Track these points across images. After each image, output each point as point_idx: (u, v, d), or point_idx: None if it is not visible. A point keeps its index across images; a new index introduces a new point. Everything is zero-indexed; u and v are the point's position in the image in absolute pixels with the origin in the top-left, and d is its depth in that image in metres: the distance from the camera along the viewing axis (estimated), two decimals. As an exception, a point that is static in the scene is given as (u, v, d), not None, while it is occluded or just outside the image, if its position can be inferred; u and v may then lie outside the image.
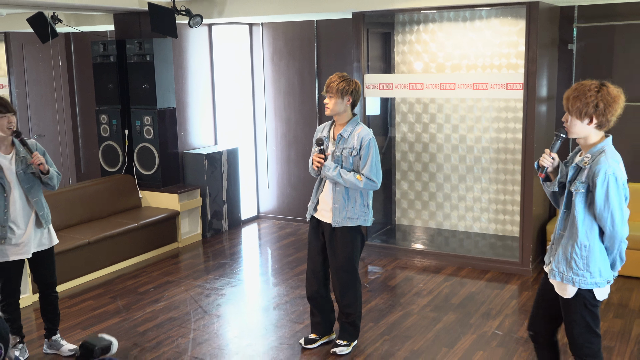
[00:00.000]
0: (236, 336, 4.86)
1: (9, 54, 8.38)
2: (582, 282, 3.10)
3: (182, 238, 7.20)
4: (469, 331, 4.82)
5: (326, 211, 4.32)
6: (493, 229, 6.90)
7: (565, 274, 3.13)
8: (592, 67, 6.21)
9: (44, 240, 4.36)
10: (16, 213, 4.19)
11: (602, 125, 3.04)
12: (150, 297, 5.66)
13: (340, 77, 4.20)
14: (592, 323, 3.17)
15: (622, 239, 3.06)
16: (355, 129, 4.24)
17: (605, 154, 3.02)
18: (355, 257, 4.37)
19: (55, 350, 4.59)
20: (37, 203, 4.28)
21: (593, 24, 6.14)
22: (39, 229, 4.32)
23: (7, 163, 4.16)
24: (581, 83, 3.04)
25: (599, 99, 2.96)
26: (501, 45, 6.48)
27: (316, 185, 4.42)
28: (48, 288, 4.48)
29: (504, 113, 6.62)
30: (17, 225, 4.20)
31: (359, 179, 4.17)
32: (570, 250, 3.12)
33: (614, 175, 2.97)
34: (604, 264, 3.11)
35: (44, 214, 4.32)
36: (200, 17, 6.70)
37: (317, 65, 7.62)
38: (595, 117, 2.99)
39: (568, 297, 3.16)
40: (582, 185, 3.04)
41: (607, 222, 3.01)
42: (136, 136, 7.23)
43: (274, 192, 8.19)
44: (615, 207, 2.98)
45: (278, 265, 6.55)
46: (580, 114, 2.99)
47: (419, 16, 6.82)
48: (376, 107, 7.01)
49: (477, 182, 6.89)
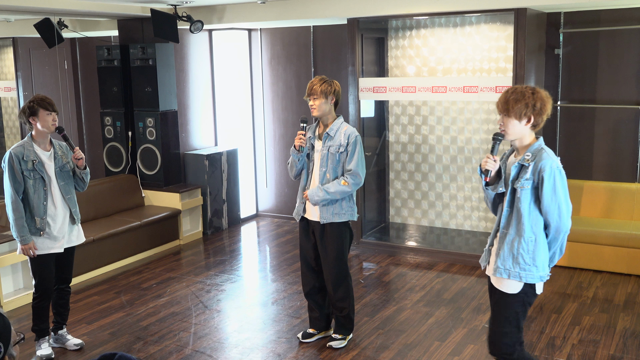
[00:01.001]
0: (236, 330, 4.83)
1: (16, 59, 8.35)
2: (529, 276, 3.10)
3: (184, 235, 7.17)
4: (460, 325, 4.81)
5: (314, 210, 4.31)
6: (483, 226, 6.88)
7: (512, 270, 3.12)
8: (578, 71, 6.21)
9: (73, 237, 4.40)
10: (54, 207, 4.26)
11: (536, 126, 3.09)
12: (153, 293, 5.63)
13: (321, 80, 4.21)
14: (522, 320, 3.18)
15: (567, 230, 3.08)
16: (341, 127, 4.23)
17: (545, 150, 3.08)
18: (345, 251, 4.35)
19: (60, 344, 4.55)
20: (71, 200, 4.35)
21: (579, 29, 6.13)
22: (72, 225, 4.38)
23: (47, 159, 4.25)
24: (515, 87, 3.09)
25: (536, 99, 3.03)
26: (490, 50, 6.47)
27: (301, 186, 4.40)
28: (64, 283, 4.48)
29: (493, 115, 6.61)
30: (53, 220, 4.26)
31: (344, 184, 4.16)
32: (517, 246, 3.10)
33: (559, 169, 3.03)
34: (547, 257, 3.14)
35: (76, 211, 4.39)
36: (201, 22, 6.67)
37: (314, 69, 7.59)
38: (533, 117, 3.04)
39: (512, 293, 3.14)
40: (527, 182, 3.06)
41: (555, 215, 3.03)
42: (139, 137, 7.20)
43: (272, 191, 8.17)
44: (562, 200, 3.03)
45: (276, 261, 6.52)
46: (520, 115, 3.03)
47: (412, 22, 6.81)
48: (370, 110, 6.99)
49: (467, 182, 6.87)
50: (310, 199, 4.22)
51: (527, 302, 3.17)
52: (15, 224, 4.16)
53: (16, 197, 4.15)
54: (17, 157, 4.14)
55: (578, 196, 6.21)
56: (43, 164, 4.21)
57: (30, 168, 4.16)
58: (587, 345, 4.43)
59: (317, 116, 4.24)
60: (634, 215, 6.02)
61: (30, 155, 4.17)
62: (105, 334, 4.79)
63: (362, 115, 6.57)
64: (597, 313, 4.97)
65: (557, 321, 4.83)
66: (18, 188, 4.16)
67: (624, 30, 5.96)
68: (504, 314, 3.17)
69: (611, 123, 6.17)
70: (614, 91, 6.12)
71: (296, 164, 4.31)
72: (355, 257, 6.51)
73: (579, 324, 4.77)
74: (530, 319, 4.87)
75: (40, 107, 4.14)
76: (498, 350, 3.23)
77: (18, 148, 4.17)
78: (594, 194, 6.16)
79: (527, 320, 4.83)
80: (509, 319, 3.16)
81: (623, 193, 6.05)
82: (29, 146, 4.19)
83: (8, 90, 8.63)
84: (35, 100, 4.16)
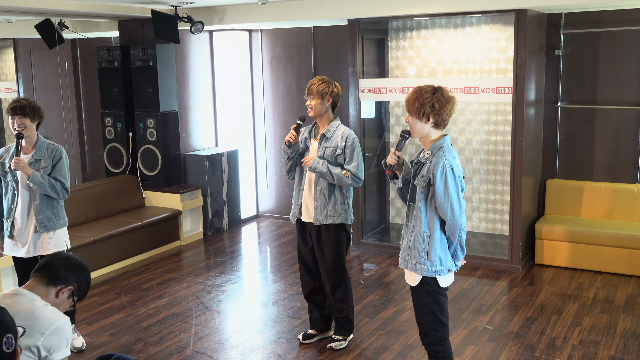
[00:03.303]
0: (236, 331, 4.83)
1: (17, 59, 8.35)
2: (424, 269, 3.21)
3: (184, 236, 7.17)
4: (461, 326, 4.81)
5: (309, 212, 4.31)
6: (484, 227, 6.88)
7: (410, 262, 3.26)
8: (579, 72, 6.21)
9: (35, 246, 4.24)
10: (20, 213, 4.23)
11: (438, 124, 3.17)
12: (154, 294, 5.63)
13: (320, 80, 4.20)
14: (437, 311, 3.27)
15: (461, 227, 3.16)
16: (338, 129, 4.22)
17: (443, 149, 3.16)
18: (342, 253, 4.34)
19: None
20: (36, 207, 4.21)
21: (579, 30, 6.13)
22: (35, 234, 4.23)
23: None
24: (419, 87, 3.19)
25: (434, 100, 3.11)
26: (491, 50, 6.46)
27: (295, 189, 4.39)
28: None
29: (494, 116, 6.61)
30: (19, 224, 4.24)
31: (345, 175, 4.14)
32: (413, 240, 3.24)
33: (450, 168, 3.11)
34: (445, 253, 3.23)
35: (42, 219, 4.20)
36: (201, 23, 6.67)
37: (314, 71, 7.60)
38: (432, 116, 3.12)
39: (414, 285, 3.28)
40: (423, 179, 3.17)
41: (448, 212, 3.12)
42: (140, 138, 7.20)
43: (272, 192, 8.17)
44: (453, 197, 3.11)
45: (276, 262, 6.52)
46: (419, 114, 3.13)
47: (412, 23, 6.81)
48: (371, 111, 6.99)
49: (468, 183, 6.87)
50: (311, 165, 4.15)
51: (435, 293, 3.26)
52: None
53: None
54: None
55: (578, 197, 6.21)
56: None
57: (5, 170, 4.23)
58: (587, 346, 4.43)
59: (312, 116, 4.23)
60: (634, 216, 6.02)
61: (7, 158, 4.22)
62: (105, 335, 4.79)
63: (362, 116, 6.57)
64: (598, 314, 4.97)
65: (558, 322, 4.83)
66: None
67: (625, 31, 5.96)
68: (416, 305, 3.34)
69: (612, 124, 6.16)
70: (615, 92, 6.12)
71: (285, 161, 4.31)
72: (355, 258, 6.51)
73: (579, 325, 4.77)
74: (530, 319, 4.87)
75: (7, 113, 4.16)
76: (423, 339, 3.38)
77: (3, 148, 4.28)
78: (595, 195, 6.16)
79: (528, 321, 4.84)
80: (422, 309, 3.30)
81: (624, 194, 6.05)
82: (12, 149, 4.20)
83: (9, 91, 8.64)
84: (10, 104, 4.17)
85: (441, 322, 3.30)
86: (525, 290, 5.49)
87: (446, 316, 3.33)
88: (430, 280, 3.24)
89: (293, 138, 4.17)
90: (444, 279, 3.26)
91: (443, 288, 3.27)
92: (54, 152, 4.24)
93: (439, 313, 3.28)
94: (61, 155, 4.26)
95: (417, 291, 3.29)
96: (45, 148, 4.23)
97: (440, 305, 3.28)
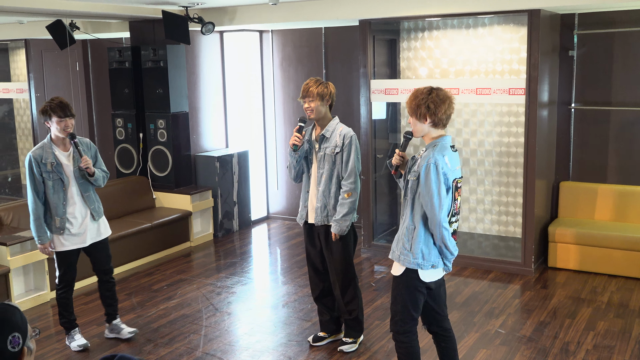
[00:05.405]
0: (246, 333, 4.83)
1: (29, 60, 8.40)
2: (406, 261, 3.33)
3: (195, 237, 7.18)
4: (473, 329, 4.78)
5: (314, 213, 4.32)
6: (496, 230, 6.84)
7: (396, 252, 3.39)
8: (592, 73, 6.16)
9: (96, 233, 4.52)
10: (74, 207, 4.39)
11: (436, 124, 3.26)
12: (164, 295, 5.64)
13: (316, 82, 4.20)
14: (410, 304, 3.39)
15: (439, 223, 3.22)
16: (337, 128, 4.22)
17: (436, 147, 3.25)
18: (350, 254, 4.33)
19: (116, 333, 4.72)
20: (89, 198, 4.46)
21: (593, 31, 6.08)
22: (93, 222, 4.49)
23: (66, 160, 4.37)
24: (417, 88, 3.31)
25: (429, 100, 3.22)
26: (503, 51, 6.43)
27: (303, 190, 4.39)
28: (106, 274, 4.65)
29: (507, 117, 6.57)
30: (74, 218, 4.39)
31: (347, 196, 4.16)
32: (401, 232, 3.38)
33: (434, 165, 3.19)
34: (428, 248, 3.32)
35: (95, 208, 4.51)
36: (212, 24, 6.68)
37: (325, 71, 7.59)
38: (428, 116, 3.23)
39: (396, 275, 3.40)
40: (414, 173, 3.31)
41: (428, 206, 3.23)
42: (150, 139, 7.22)
43: (283, 193, 8.16)
44: (433, 193, 3.19)
45: (287, 264, 6.51)
46: (417, 114, 3.25)
47: (424, 23, 6.78)
48: (382, 112, 6.97)
49: (480, 185, 6.84)
50: (340, 233, 4.19)
51: (412, 287, 3.35)
52: (33, 224, 4.34)
53: (35, 199, 4.30)
54: (36, 160, 4.29)
55: (592, 200, 6.16)
56: (62, 165, 4.35)
57: (49, 170, 4.31)
58: (601, 351, 4.38)
59: (313, 119, 4.23)
60: (649, 219, 5.96)
61: (48, 157, 4.30)
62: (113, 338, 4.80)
63: (373, 117, 6.55)
64: (612, 318, 4.92)
65: (571, 326, 4.79)
66: (38, 190, 4.31)
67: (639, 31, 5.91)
68: (393, 293, 3.46)
69: (626, 125, 6.11)
70: (629, 93, 6.06)
71: (293, 165, 4.31)
72: (366, 260, 6.49)
73: (593, 329, 4.72)
74: (543, 323, 4.83)
75: (53, 113, 4.26)
76: (391, 326, 3.51)
77: (37, 150, 4.33)
78: (609, 198, 6.11)
79: (540, 325, 4.80)
80: (396, 299, 3.43)
81: (639, 197, 5.99)
82: (48, 147, 4.33)
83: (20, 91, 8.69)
84: (50, 104, 4.28)
85: (411, 315, 3.41)
86: (538, 294, 5.45)
87: (418, 311, 3.43)
88: (412, 272, 3.34)
89: (298, 141, 4.17)
90: (426, 274, 3.34)
91: (424, 282, 3.35)
92: (89, 145, 4.49)
93: (411, 307, 3.39)
94: (96, 148, 4.56)
95: (397, 281, 3.41)
96: (79, 141, 4.42)
97: (414, 301, 3.39)
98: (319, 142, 4.25)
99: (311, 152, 4.31)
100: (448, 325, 3.60)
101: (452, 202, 3.30)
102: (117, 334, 4.71)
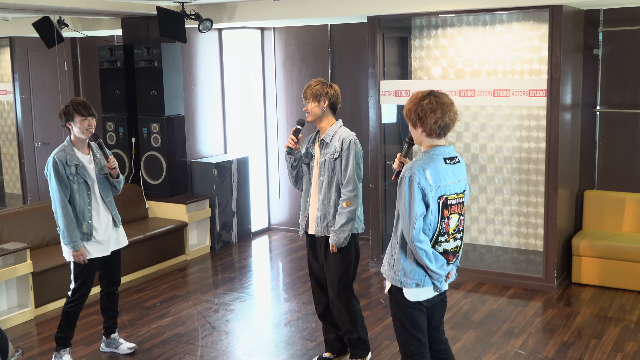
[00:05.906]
0: (245, 354, 4.80)
1: (13, 60, 8.41)
2: (390, 277, 3.33)
3: (190, 250, 7.17)
4: (490, 351, 4.74)
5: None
6: (515, 242, 6.81)
7: (383, 267, 3.41)
8: (619, 73, 6.14)
9: (117, 240, 4.64)
10: (98, 211, 4.48)
11: (429, 133, 3.21)
12: (157, 312, 5.62)
13: (316, 82, 4.23)
14: (407, 323, 3.33)
15: (410, 241, 3.18)
16: (337, 132, 4.22)
17: (422, 159, 3.22)
18: (349, 268, 4.28)
19: (113, 348, 4.78)
20: (110, 203, 4.57)
21: (619, 28, 6.07)
22: (115, 228, 4.61)
23: (87, 163, 4.46)
24: (416, 92, 3.29)
25: (418, 109, 3.19)
26: (523, 50, 6.42)
27: (303, 199, 4.38)
28: (113, 285, 4.73)
29: (527, 121, 6.55)
30: (99, 223, 4.49)
31: (346, 205, 4.13)
32: (389, 247, 3.41)
33: (408, 178, 3.15)
34: (410, 265, 3.25)
35: (117, 214, 4.63)
36: (210, 21, 6.69)
37: (331, 71, 7.59)
38: (419, 124, 3.21)
39: (386, 292, 3.42)
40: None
41: (402, 221, 3.23)
42: (143, 144, 7.22)
43: (285, 203, 8.15)
44: (405, 208, 3.17)
45: (289, 279, 6.49)
46: (411, 121, 3.26)
47: (437, 20, 6.78)
48: (392, 115, 6.96)
49: (498, 194, 6.81)
50: (338, 245, 4.16)
51: (402, 304, 3.31)
52: (66, 230, 4.36)
53: (65, 202, 4.35)
54: (61, 162, 4.35)
55: (619, 210, 6.13)
56: (85, 168, 4.43)
57: (74, 172, 4.38)
58: (631, 374, 4.34)
59: (311, 121, 4.25)
60: (681, 231, 5.92)
61: (73, 160, 4.38)
62: (104, 357, 4.78)
63: (383, 120, 6.54)
64: None
65: (597, 347, 4.75)
66: (66, 193, 4.36)
67: (670, 28, 5.89)
68: (392, 312, 3.44)
69: (656, 130, 6.08)
70: (659, 95, 6.04)
71: (290, 170, 4.36)
72: (375, 274, 6.46)
73: (621, 351, 4.69)
74: (567, 344, 4.79)
75: (75, 112, 4.34)
76: (399, 348, 3.46)
77: (60, 153, 4.40)
78: (637, 208, 6.07)
79: (564, 345, 4.76)
80: (393, 318, 3.42)
81: (669, 207, 5.96)
82: (69, 150, 4.41)
83: (4, 93, 8.71)
84: (71, 104, 4.38)
85: (413, 335, 3.33)
86: (561, 312, 5.42)
87: (420, 329, 3.35)
88: (396, 290, 3.32)
89: (293, 144, 4.18)
90: (412, 292, 3.27)
91: (411, 302, 3.29)
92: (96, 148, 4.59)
93: (410, 326, 3.32)
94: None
95: (389, 299, 3.42)
96: (94, 146, 4.54)
97: (410, 318, 3.32)
98: (320, 149, 4.23)
99: (313, 159, 4.29)
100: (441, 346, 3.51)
101: (440, 220, 3.19)
102: (115, 348, 4.77)
